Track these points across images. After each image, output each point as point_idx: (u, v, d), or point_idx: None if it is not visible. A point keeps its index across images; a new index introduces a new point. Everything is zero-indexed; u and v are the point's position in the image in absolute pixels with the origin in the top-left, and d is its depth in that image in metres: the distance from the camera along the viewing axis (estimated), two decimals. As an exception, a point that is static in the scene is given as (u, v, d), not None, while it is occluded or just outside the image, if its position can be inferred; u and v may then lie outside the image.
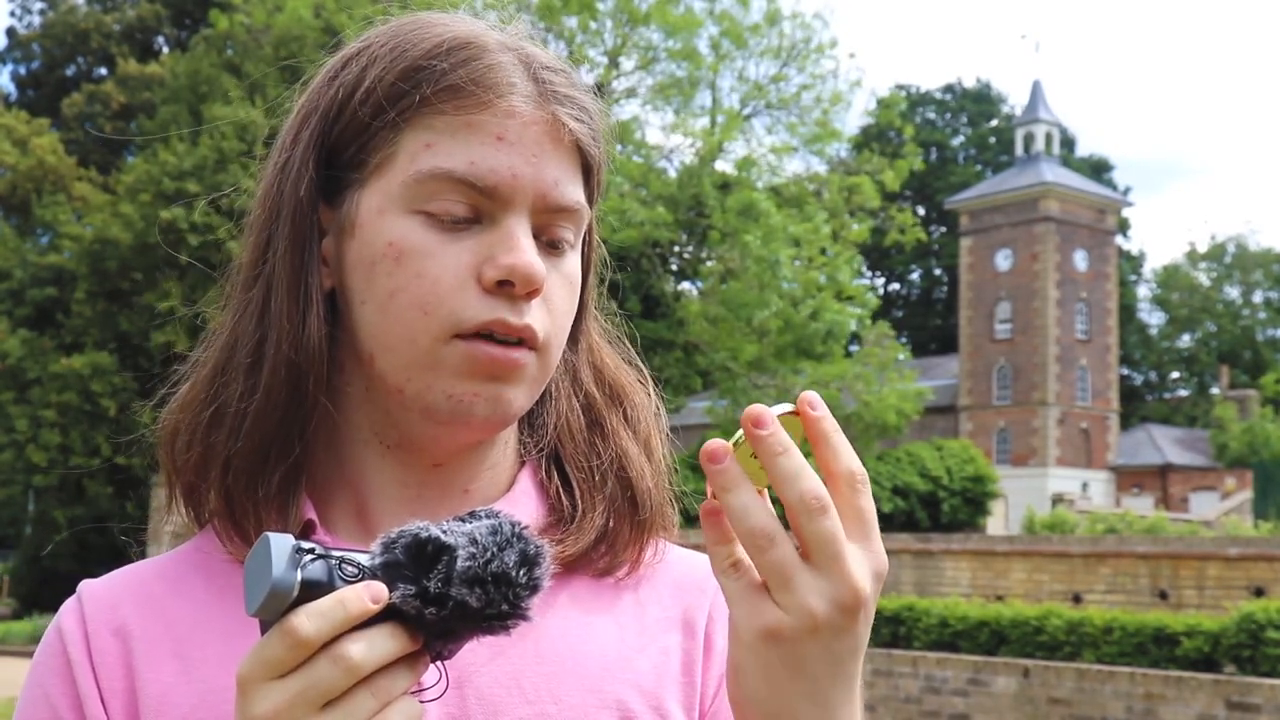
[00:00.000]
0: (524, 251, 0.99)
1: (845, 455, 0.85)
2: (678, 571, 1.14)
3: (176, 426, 1.07)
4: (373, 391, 1.04)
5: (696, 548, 1.18)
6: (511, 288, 0.99)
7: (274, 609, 0.80)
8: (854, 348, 36.37)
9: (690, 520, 1.17)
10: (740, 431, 0.85)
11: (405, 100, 1.00)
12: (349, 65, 1.05)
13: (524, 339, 1.00)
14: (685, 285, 36.17)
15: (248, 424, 1.02)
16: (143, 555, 1.16)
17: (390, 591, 0.81)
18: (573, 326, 1.13)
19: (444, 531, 0.83)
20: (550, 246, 1.03)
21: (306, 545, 0.82)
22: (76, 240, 36.90)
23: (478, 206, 1.00)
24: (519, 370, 1.01)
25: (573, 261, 1.06)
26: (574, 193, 1.03)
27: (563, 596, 1.07)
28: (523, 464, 1.13)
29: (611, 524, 1.10)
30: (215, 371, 1.06)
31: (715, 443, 0.83)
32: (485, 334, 0.99)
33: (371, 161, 1.02)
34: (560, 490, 1.11)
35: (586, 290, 1.14)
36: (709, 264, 34.18)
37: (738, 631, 0.84)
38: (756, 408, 0.83)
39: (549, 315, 1.03)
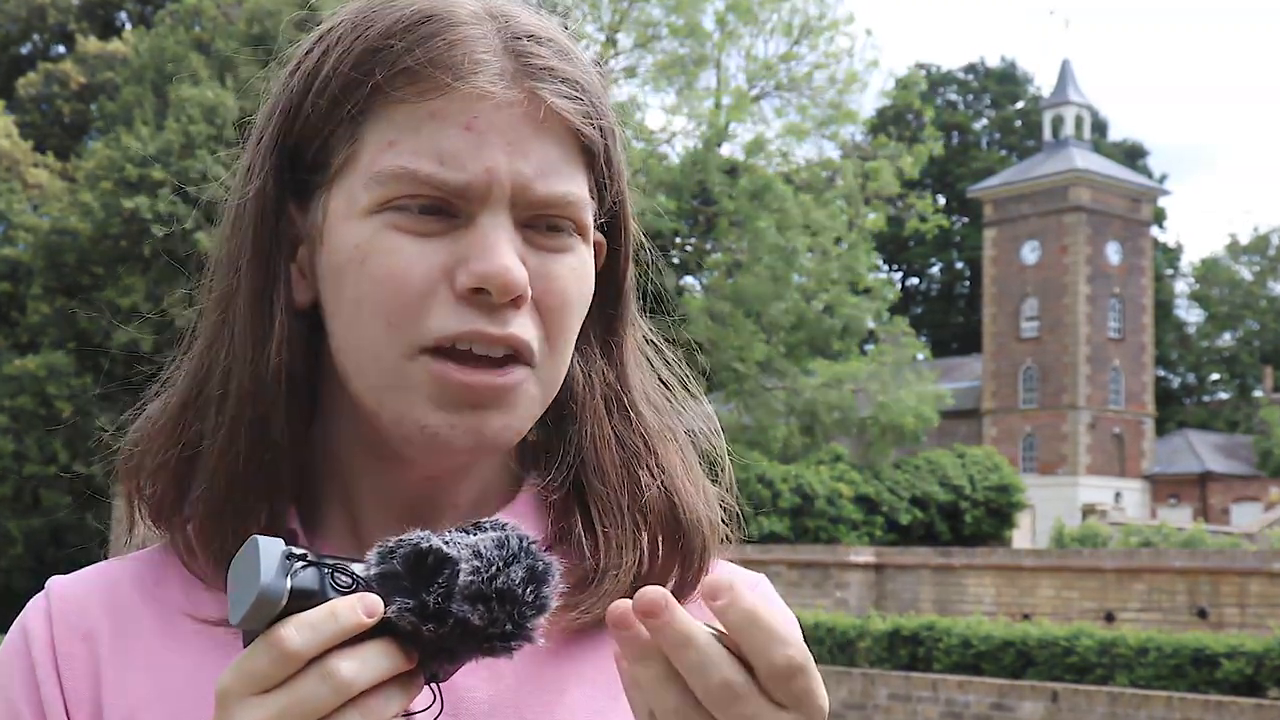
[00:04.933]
0: (500, 255, 0.94)
1: (766, 651, 0.80)
2: None
3: (141, 461, 1.07)
4: (358, 408, 1.03)
5: (740, 561, 1.17)
6: (489, 296, 0.95)
7: (260, 619, 0.79)
8: (869, 347, 36.39)
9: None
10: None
11: (360, 91, 0.97)
12: (312, 50, 1.02)
13: (513, 351, 0.97)
14: (688, 280, 36.18)
15: (215, 466, 1.01)
16: None
17: (386, 605, 0.81)
18: (608, 332, 1.10)
19: (446, 543, 0.82)
20: (548, 235, 0.99)
21: (298, 551, 0.81)
22: (32, 231, 36.90)
23: (450, 204, 0.96)
24: (505, 393, 0.97)
25: (579, 253, 1.01)
26: (563, 182, 0.98)
27: (579, 664, 1.05)
28: (521, 483, 1.10)
29: (647, 572, 1.05)
30: (184, 403, 1.05)
31: (621, 604, 0.80)
32: (463, 347, 0.95)
33: (334, 162, 0.99)
34: (583, 539, 1.05)
35: (624, 289, 1.10)
36: (715, 256, 34.17)
37: None
38: (650, 593, 0.80)
39: (545, 321, 0.99)
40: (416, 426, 0.97)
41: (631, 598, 0.97)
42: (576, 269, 1.01)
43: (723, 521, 1.12)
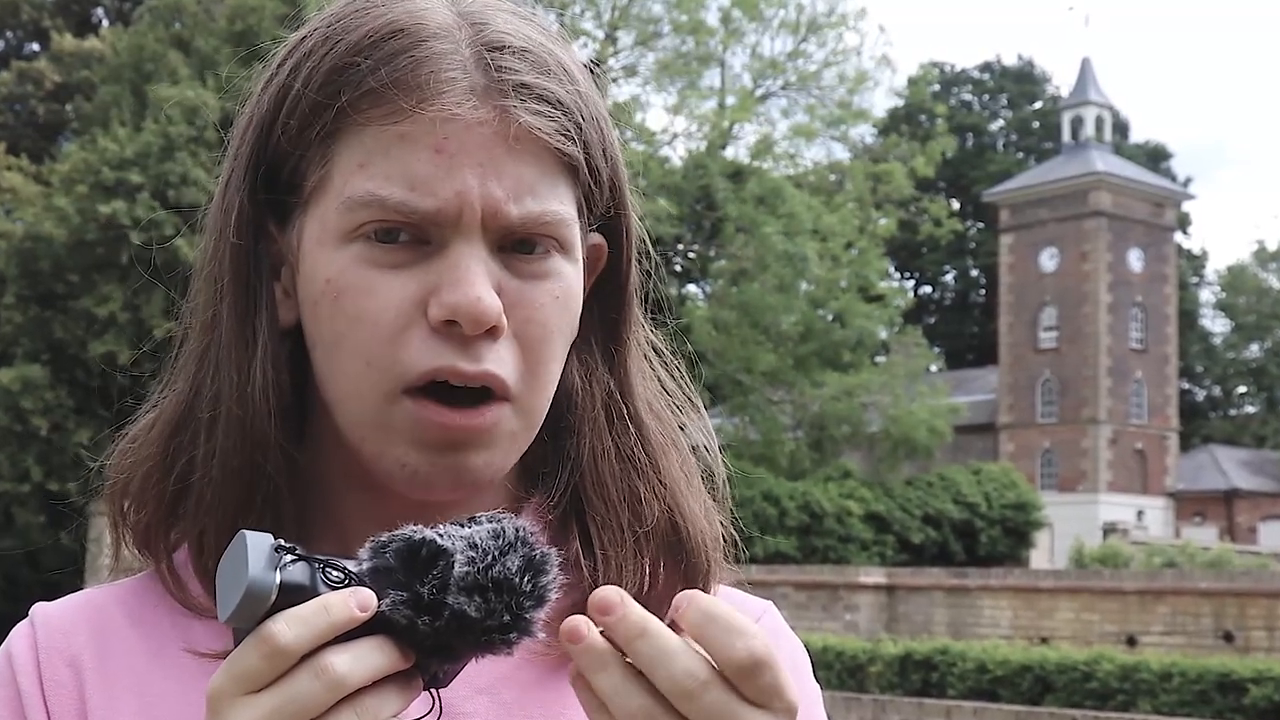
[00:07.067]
0: (471, 286, 0.95)
1: (726, 645, 0.82)
2: None
3: (126, 485, 1.08)
4: (343, 437, 1.04)
5: (739, 584, 1.17)
6: (461, 328, 0.95)
7: (249, 614, 0.81)
8: (880, 358, 36.44)
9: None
10: None
11: (327, 113, 0.98)
12: (285, 62, 1.03)
13: (488, 388, 0.97)
14: (691, 288, 36.23)
15: (204, 493, 1.02)
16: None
17: (379, 599, 0.82)
18: (610, 338, 1.10)
19: (440, 535, 0.83)
20: (527, 258, 0.99)
21: (287, 544, 0.82)
22: (4, 237, 36.91)
23: (422, 230, 0.96)
24: (483, 434, 0.98)
25: (562, 275, 1.01)
26: (539, 202, 0.98)
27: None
28: (521, 504, 1.09)
29: (648, 591, 1.05)
30: (174, 427, 1.06)
31: (572, 620, 0.82)
32: (439, 382, 0.96)
33: (308, 185, 1.00)
34: (581, 558, 1.05)
35: (626, 293, 1.10)
36: (719, 263, 34.21)
37: None
38: (604, 591, 0.82)
39: (524, 352, 0.99)
40: (397, 464, 0.99)
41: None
42: (559, 294, 1.00)
43: (725, 540, 1.12)
